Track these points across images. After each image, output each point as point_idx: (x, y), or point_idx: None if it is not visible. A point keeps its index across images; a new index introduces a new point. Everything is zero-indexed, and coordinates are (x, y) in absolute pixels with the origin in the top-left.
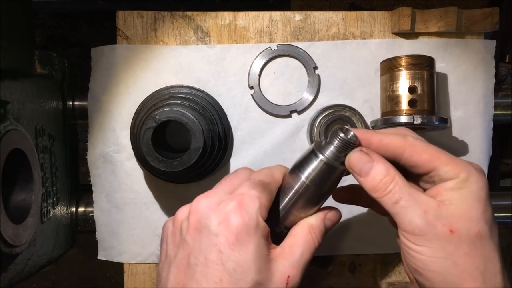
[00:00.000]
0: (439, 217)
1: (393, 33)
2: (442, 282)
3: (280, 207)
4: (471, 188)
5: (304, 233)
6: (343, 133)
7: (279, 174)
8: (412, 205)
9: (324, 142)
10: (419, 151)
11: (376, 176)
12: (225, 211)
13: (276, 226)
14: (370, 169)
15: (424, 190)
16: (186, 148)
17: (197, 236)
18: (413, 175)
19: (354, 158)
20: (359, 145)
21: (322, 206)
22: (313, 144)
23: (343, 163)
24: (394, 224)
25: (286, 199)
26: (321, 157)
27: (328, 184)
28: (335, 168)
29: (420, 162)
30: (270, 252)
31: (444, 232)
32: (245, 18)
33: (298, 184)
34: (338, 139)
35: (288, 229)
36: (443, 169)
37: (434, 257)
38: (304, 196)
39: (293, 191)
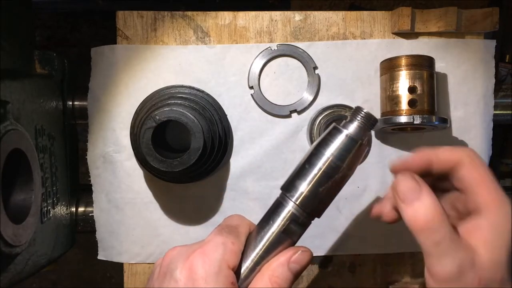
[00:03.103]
0: (472, 267)
1: (393, 33)
2: None
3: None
4: (502, 229)
5: (264, 284)
6: (366, 109)
7: (246, 220)
8: (451, 252)
9: (344, 121)
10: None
11: (420, 209)
12: (190, 258)
13: (252, 270)
14: (415, 199)
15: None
16: (186, 148)
17: (162, 281)
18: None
19: (402, 181)
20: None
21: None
22: (332, 124)
23: (363, 141)
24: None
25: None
26: (345, 131)
27: (351, 160)
28: (357, 143)
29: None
30: None
31: (473, 282)
32: (245, 18)
33: (321, 161)
34: (361, 114)
35: None
36: (480, 194)
37: None
38: (328, 174)
39: (316, 169)
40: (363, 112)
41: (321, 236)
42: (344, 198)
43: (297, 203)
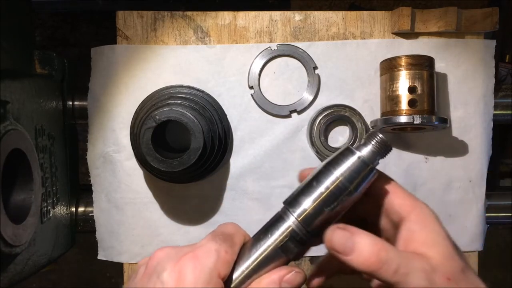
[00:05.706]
0: (434, 271)
1: (393, 33)
2: None
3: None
4: (430, 223)
5: None
6: (381, 134)
7: (242, 230)
8: (411, 269)
9: (358, 144)
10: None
11: (364, 249)
12: (180, 262)
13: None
14: (353, 244)
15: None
16: (186, 148)
17: (147, 282)
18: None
19: (335, 236)
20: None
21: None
22: (345, 145)
23: (374, 166)
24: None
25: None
26: (358, 153)
27: (360, 183)
28: (368, 167)
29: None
30: None
31: (443, 283)
32: (245, 18)
33: (329, 180)
34: (376, 139)
35: None
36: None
37: None
38: (335, 195)
39: (323, 187)
40: (378, 137)
41: None
42: None
43: (299, 219)
